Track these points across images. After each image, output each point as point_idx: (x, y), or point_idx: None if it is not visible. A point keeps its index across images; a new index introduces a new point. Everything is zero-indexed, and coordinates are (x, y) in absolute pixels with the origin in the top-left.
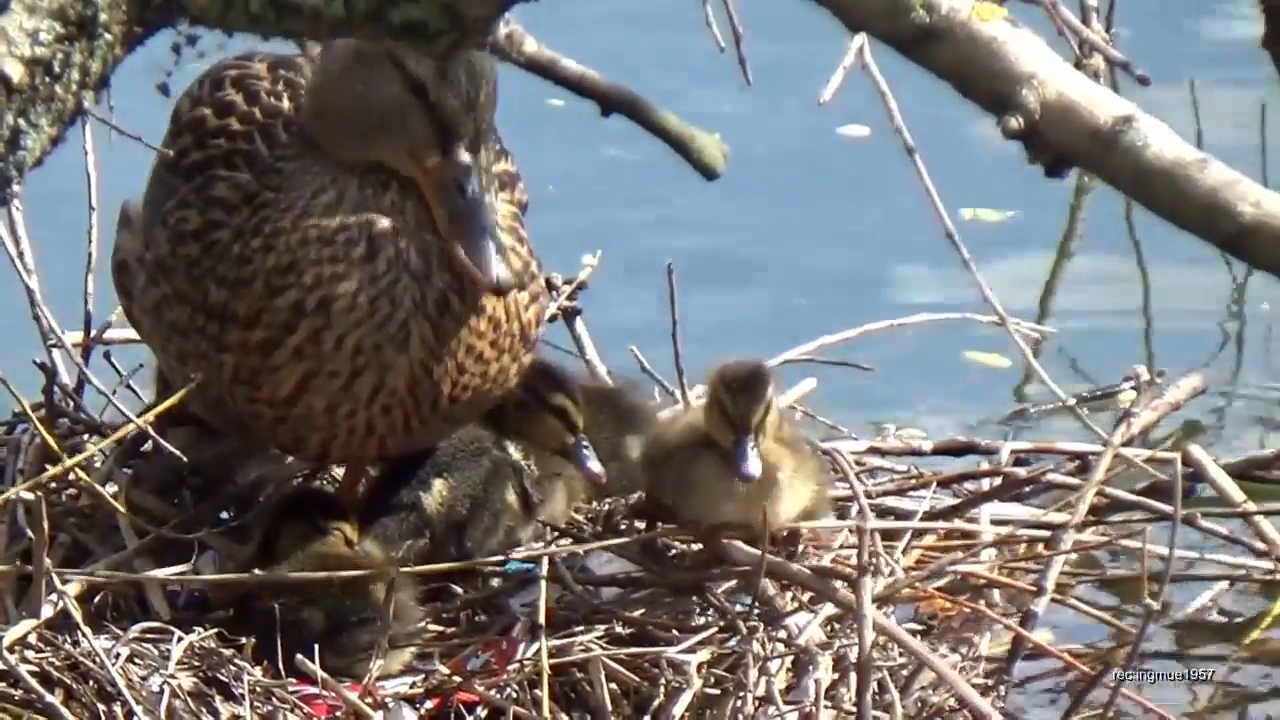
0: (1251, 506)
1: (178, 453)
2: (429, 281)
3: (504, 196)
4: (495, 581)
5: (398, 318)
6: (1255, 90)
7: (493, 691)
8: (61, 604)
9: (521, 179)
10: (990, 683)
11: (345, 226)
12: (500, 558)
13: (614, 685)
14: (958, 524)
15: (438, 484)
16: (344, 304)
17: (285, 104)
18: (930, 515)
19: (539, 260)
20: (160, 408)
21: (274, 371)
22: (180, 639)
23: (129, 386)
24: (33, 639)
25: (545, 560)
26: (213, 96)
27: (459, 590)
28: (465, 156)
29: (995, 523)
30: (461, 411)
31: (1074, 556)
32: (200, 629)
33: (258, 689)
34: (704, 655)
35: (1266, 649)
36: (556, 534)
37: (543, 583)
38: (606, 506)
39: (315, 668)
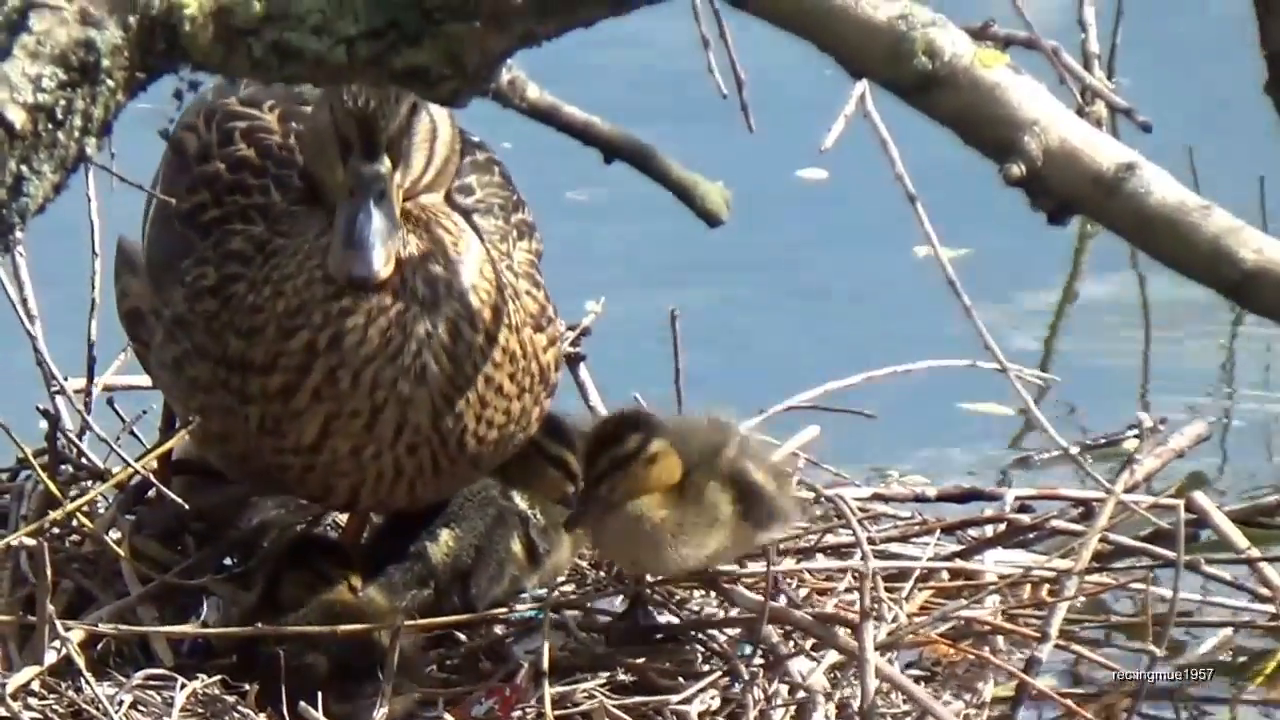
0: (1255, 552)
1: (179, 500)
2: (438, 310)
3: (522, 245)
4: (499, 629)
5: (410, 349)
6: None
7: None
8: (65, 650)
9: (538, 230)
10: None
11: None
12: (504, 609)
13: None
14: (960, 564)
15: (444, 534)
16: (355, 338)
17: (298, 156)
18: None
19: (555, 307)
20: (157, 451)
21: (296, 417)
22: (184, 686)
23: (132, 432)
24: (35, 685)
25: (548, 610)
26: (224, 150)
27: (463, 637)
28: (358, 164)
29: (999, 571)
30: (487, 454)
31: (1078, 602)
32: (204, 676)
33: None
34: (707, 703)
35: (1272, 694)
36: (560, 582)
37: (545, 629)
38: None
39: (318, 715)
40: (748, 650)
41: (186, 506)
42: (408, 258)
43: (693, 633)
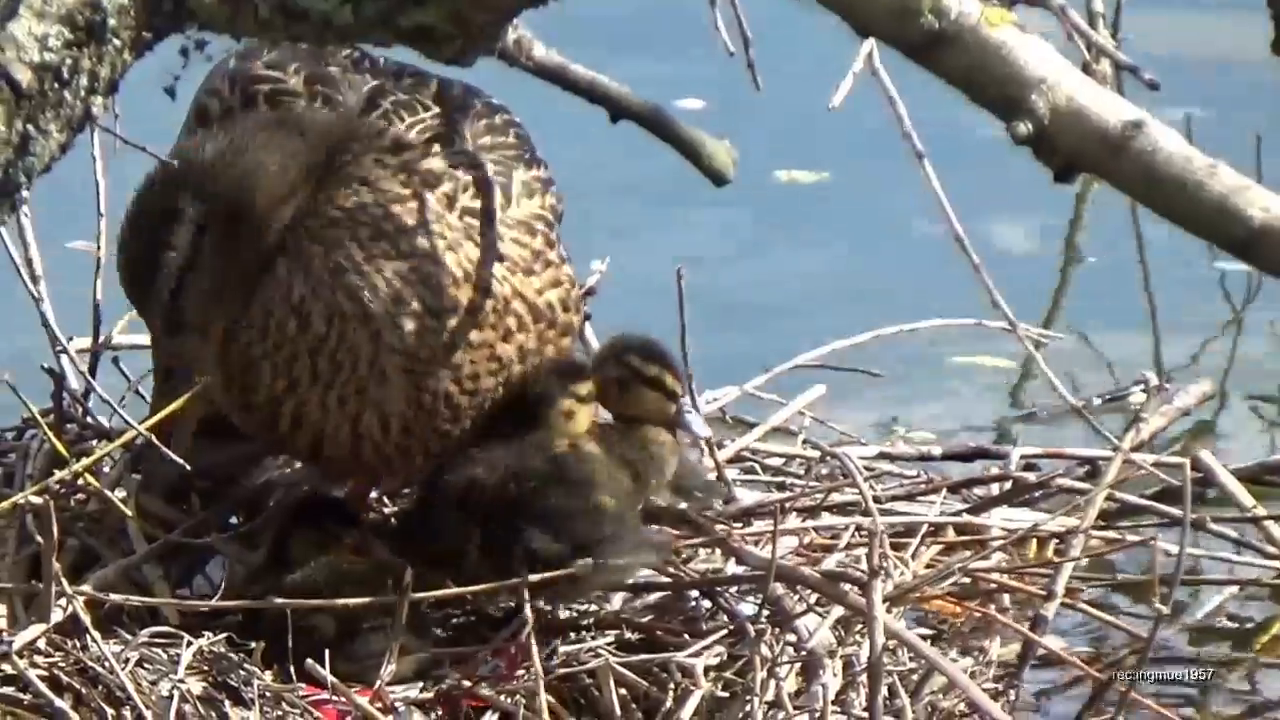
0: (1261, 511)
1: (180, 460)
2: (370, 316)
3: (529, 202)
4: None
5: (363, 366)
6: None
7: (501, 697)
8: (71, 609)
9: (552, 188)
10: (1001, 687)
11: (272, 315)
12: (511, 580)
13: (623, 690)
14: (967, 520)
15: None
16: (307, 377)
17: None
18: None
19: (564, 254)
20: (164, 412)
21: (288, 436)
22: (190, 643)
23: (138, 392)
24: (41, 644)
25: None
26: (245, 112)
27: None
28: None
29: (1005, 529)
30: (488, 400)
31: (1084, 561)
32: (210, 634)
33: (267, 694)
34: (712, 659)
35: (1278, 653)
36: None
37: (526, 606)
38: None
39: (325, 673)
40: (751, 610)
41: (188, 468)
42: (317, 284)
43: (700, 591)
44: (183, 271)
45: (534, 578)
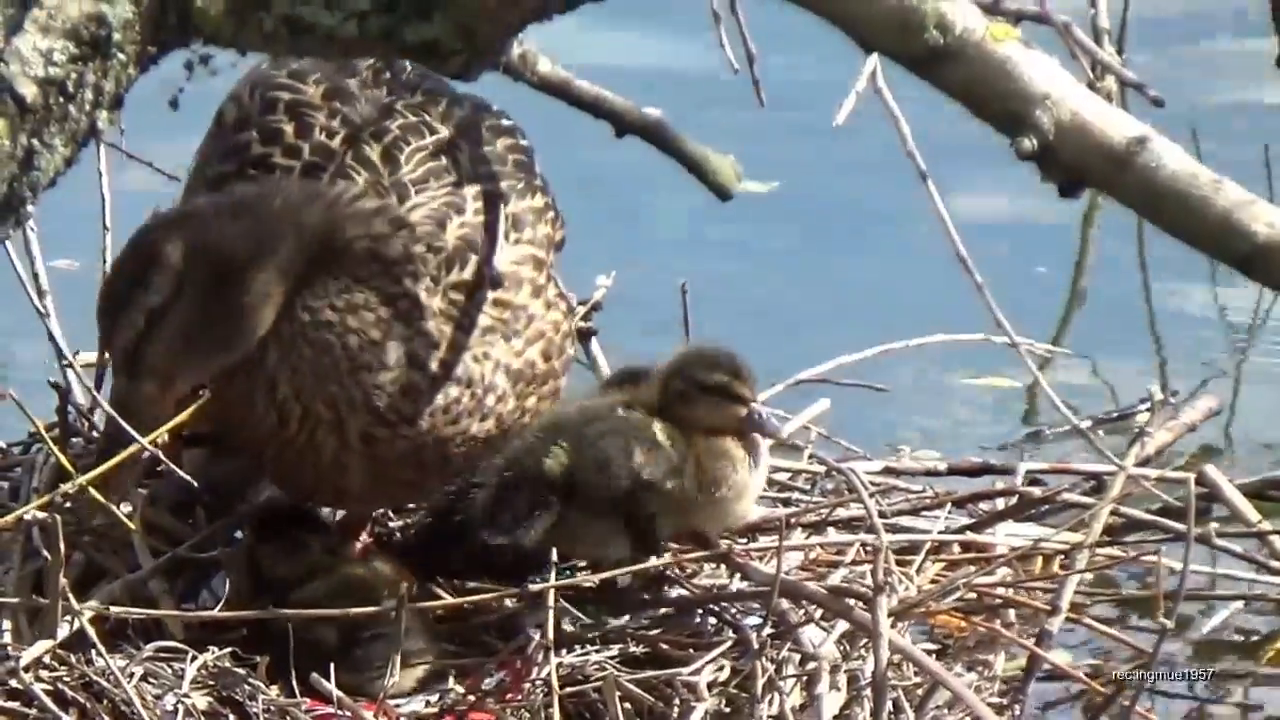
0: (1266, 526)
1: (186, 476)
2: (344, 426)
3: (525, 239)
4: (510, 603)
5: (326, 457)
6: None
7: (507, 711)
8: (77, 624)
9: (550, 212)
10: (1005, 702)
11: (252, 406)
12: (514, 589)
13: (628, 704)
14: (972, 537)
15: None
16: (273, 461)
17: (335, 143)
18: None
19: (557, 292)
20: (167, 426)
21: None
22: (195, 658)
23: None
24: (47, 658)
25: (552, 591)
26: (262, 118)
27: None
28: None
29: (1010, 544)
30: (469, 459)
31: (1089, 576)
32: (214, 648)
33: (272, 708)
34: (717, 674)
35: None
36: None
37: (550, 609)
38: None
39: (331, 686)
40: (756, 621)
41: (195, 484)
42: (304, 386)
43: (705, 606)
44: (152, 314)
45: (537, 586)
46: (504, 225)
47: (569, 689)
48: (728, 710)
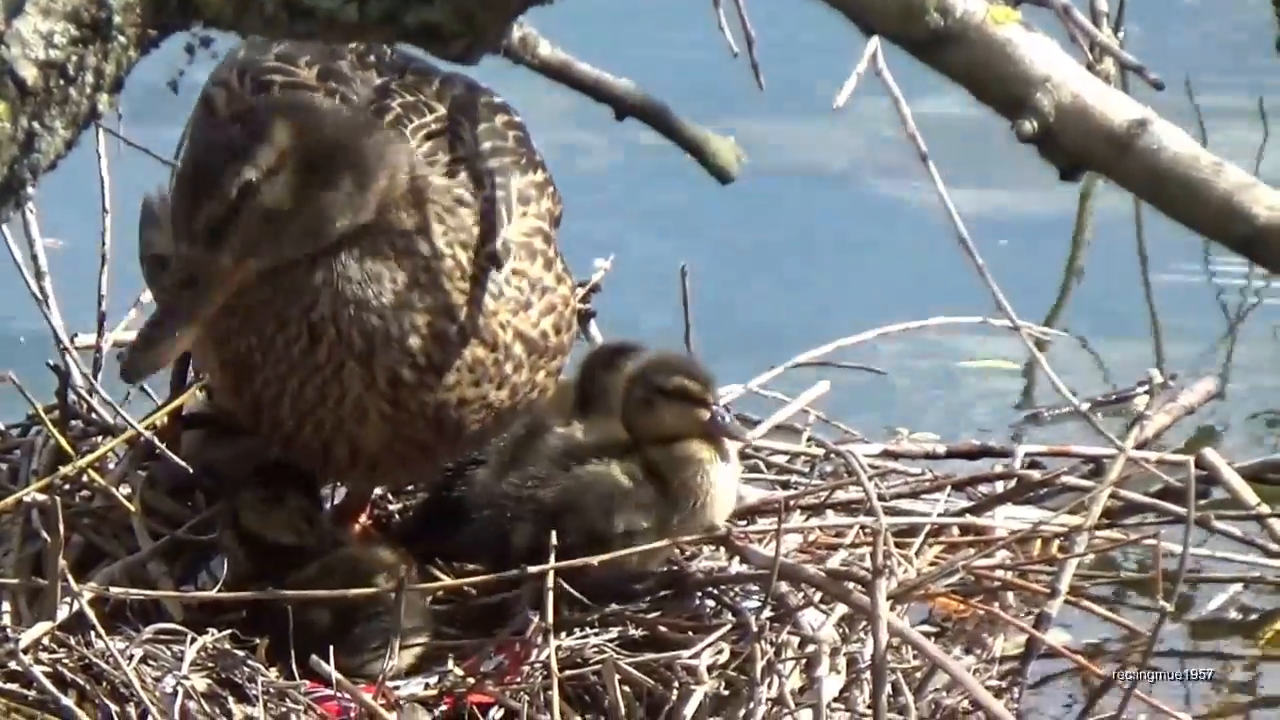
0: (1265, 509)
1: (182, 462)
2: (374, 360)
3: (532, 212)
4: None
5: (348, 403)
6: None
7: (506, 693)
8: (76, 606)
9: (549, 191)
10: (1004, 684)
11: (284, 323)
12: (511, 572)
13: (627, 687)
14: (971, 520)
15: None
16: (289, 402)
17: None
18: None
19: (562, 270)
20: (166, 409)
21: (267, 435)
22: (194, 640)
23: (142, 388)
24: (46, 640)
25: (551, 573)
26: (255, 99)
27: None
28: (177, 248)
29: (1009, 527)
30: (482, 433)
31: (1088, 558)
32: (213, 630)
33: (271, 690)
34: (716, 657)
35: None
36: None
37: (549, 591)
38: None
39: (330, 669)
40: (755, 604)
41: (190, 470)
42: (336, 310)
43: (705, 589)
44: (248, 188)
45: (534, 569)
46: (512, 199)
47: (568, 672)
48: (727, 693)
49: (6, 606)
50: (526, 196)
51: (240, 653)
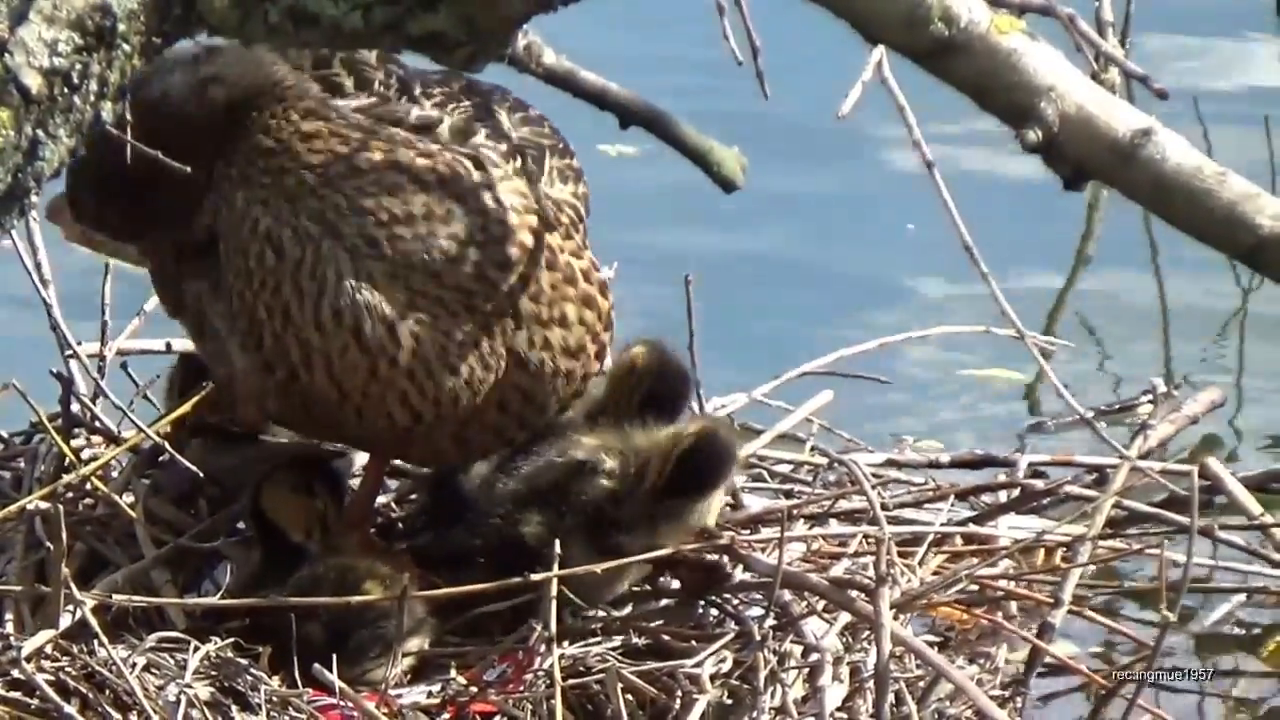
0: (1269, 519)
1: (191, 466)
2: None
3: (568, 189)
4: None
5: (347, 273)
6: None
7: (509, 702)
8: (79, 614)
9: (584, 178)
10: (1008, 694)
11: (244, 250)
12: (513, 579)
13: (629, 696)
14: (974, 530)
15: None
16: (295, 299)
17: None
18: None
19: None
20: (172, 415)
21: (310, 389)
22: (197, 649)
23: (146, 396)
24: (49, 649)
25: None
26: (317, 72)
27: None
28: None
29: (1013, 537)
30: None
31: (1092, 568)
32: (216, 639)
33: (274, 699)
34: (720, 666)
35: None
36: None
37: (552, 599)
38: None
39: (333, 677)
40: (758, 613)
41: (200, 473)
42: (277, 220)
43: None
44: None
45: (538, 576)
46: (549, 171)
47: (571, 680)
48: (730, 702)
49: (9, 615)
50: (565, 175)
51: (243, 661)
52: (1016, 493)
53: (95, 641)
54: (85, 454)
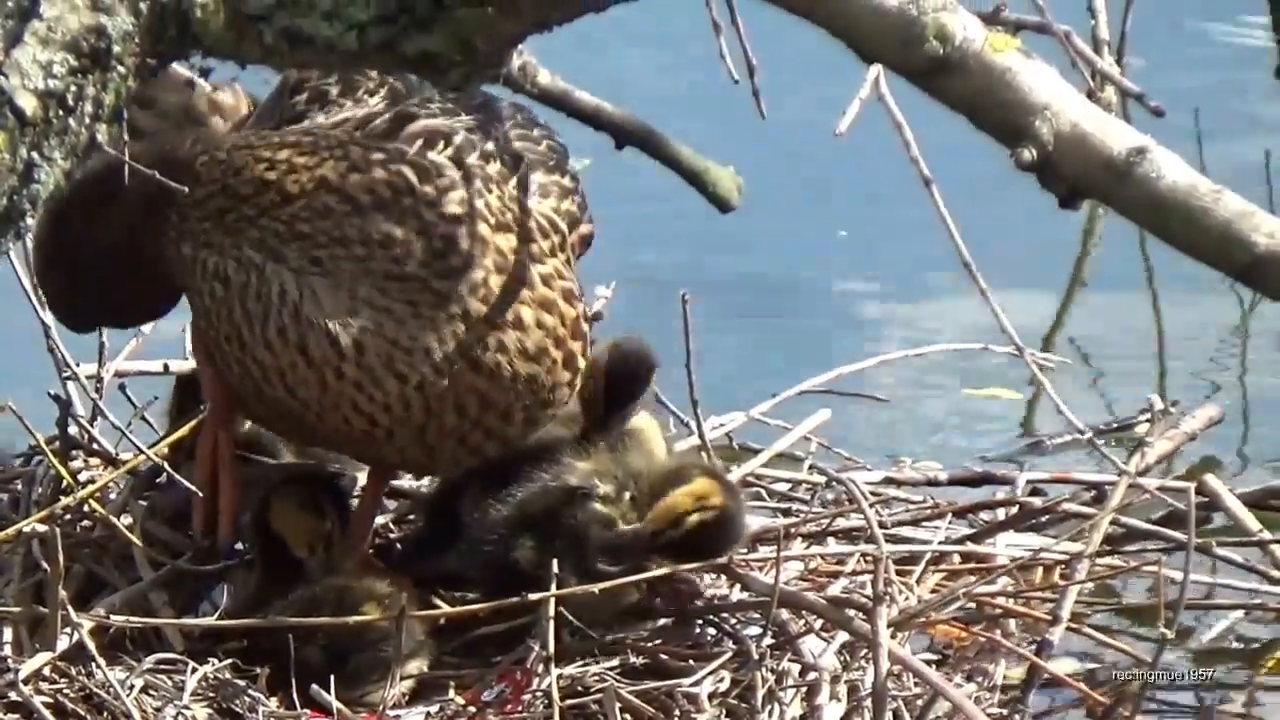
0: (1267, 535)
1: (191, 486)
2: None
3: (549, 203)
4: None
5: (291, 289)
6: None
7: None
8: (77, 636)
9: (577, 196)
10: (1006, 712)
11: (200, 291)
12: (511, 599)
13: (628, 715)
14: (972, 548)
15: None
16: (245, 325)
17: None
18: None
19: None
20: (171, 438)
21: (287, 411)
22: (195, 670)
23: (144, 418)
24: (46, 671)
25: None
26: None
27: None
28: None
29: (1011, 555)
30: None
31: (1090, 586)
32: (214, 660)
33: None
34: (717, 685)
35: None
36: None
37: (549, 620)
38: None
39: (330, 698)
40: (756, 632)
41: (199, 494)
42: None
43: (705, 616)
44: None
45: (536, 596)
46: (532, 187)
47: (569, 700)
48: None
49: (7, 636)
50: (547, 191)
51: (241, 682)
52: (1014, 510)
53: (93, 663)
54: (83, 476)
